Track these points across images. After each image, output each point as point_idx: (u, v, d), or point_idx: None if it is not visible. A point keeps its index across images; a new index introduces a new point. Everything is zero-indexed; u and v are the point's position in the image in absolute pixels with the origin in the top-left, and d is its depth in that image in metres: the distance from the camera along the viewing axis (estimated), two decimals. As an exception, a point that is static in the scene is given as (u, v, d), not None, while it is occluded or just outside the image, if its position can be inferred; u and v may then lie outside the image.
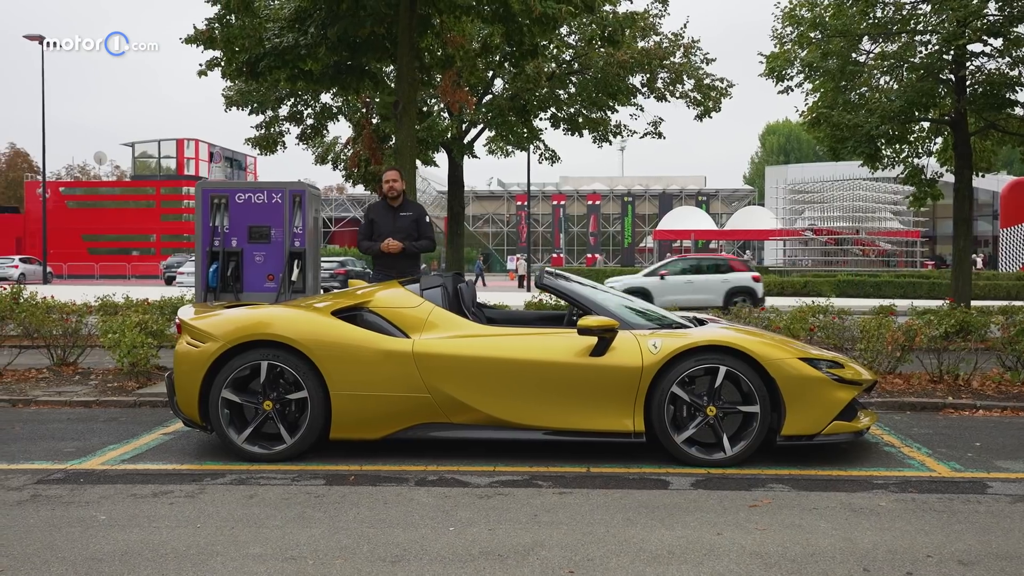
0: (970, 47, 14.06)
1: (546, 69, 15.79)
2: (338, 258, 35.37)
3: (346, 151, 17.59)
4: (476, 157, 18.01)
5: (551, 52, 15.98)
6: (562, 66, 16.43)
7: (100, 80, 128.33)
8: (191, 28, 10.35)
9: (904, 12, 14.44)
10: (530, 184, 40.68)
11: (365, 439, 5.70)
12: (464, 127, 16.96)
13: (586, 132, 17.16)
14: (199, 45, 10.25)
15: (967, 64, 14.47)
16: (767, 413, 5.48)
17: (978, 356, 8.62)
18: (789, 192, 44.69)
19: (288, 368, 5.57)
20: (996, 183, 47.24)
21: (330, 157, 18.20)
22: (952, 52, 13.82)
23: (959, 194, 15.32)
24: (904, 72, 14.61)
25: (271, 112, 16.41)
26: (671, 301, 18.68)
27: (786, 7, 15.25)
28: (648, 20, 15.96)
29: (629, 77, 15.77)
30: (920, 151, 16.36)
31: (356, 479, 5.23)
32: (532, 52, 10.58)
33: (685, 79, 16.28)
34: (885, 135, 14.59)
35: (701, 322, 6.54)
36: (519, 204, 62.32)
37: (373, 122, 15.83)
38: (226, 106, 15.98)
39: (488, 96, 17.00)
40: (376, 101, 15.37)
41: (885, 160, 15.96)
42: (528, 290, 32.19)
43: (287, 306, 6.03)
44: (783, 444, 5.57)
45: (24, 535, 4.19)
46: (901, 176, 16.74)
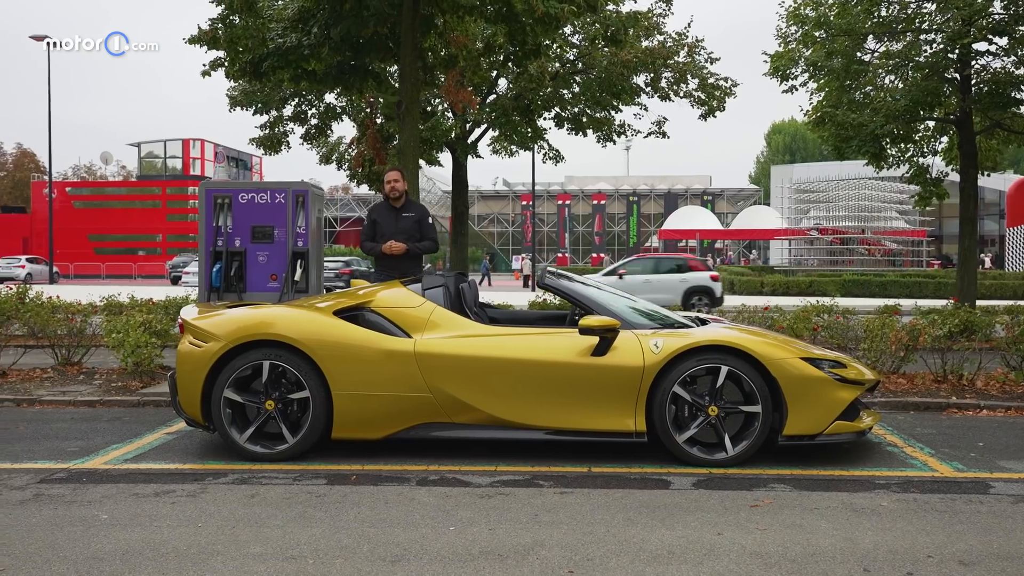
0: (975, 46, 14.01)
1: (550, 69, 15.79)
2: (343, 258, 35.43)
3: (350, 151, 17.60)
4: (480, 157, 18.01)
5: (555, 52, 15.97)
6: (566, 65, 16.40)
7: (105, 80, 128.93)
8: (190, 27, 10.42)
9: (909, 11, 14.39)
10: (535, 184, 40.74)
11: (367, 439, 5.71)
12: (468, 127, 16.95)
13: (590, 132, 17.14)
14: (203, 45, 10.28)
15: (972, 63, 14.41)
16: (769, 413, 5.48)
17: (982, 356, 8.59)
18: (795, 191, 44.56)
19: (290, 368, 5.58)
20: (1003, 182, 47.06)
21: (334, 157, 18.22)
22: (957, 51, 13.77)
23: (964, 193, 15.26)
24: (909, 71, 14.57)
25: (275, 112, 16.42)
26: None
27: (790, 6, 15.20)
28: (652, 19, 15.93)
29: (633, 77, 15.75)
30: (925, 150, 16.30)
31: (358, 479, 5.23)
32: (535, 52, 10.58)
33: (689, 78, 16.25)
34: (890, 134, 14.54)
35: (703, 322, 6.54)
36: (524, 204, 62.30)
37: (377, 122, 15.83)
38: (230, 106, 16.02)
39: (492, 96, 16.99)
40: (380, 101, 15.38)
41: (890, 159, 15.90)
42: (532, 290, 32.18)
43: (289, 306, 6.04)
44: (785, 444, 5.56)
45: (26, 534, 4.20)
46: (906, 175, 16.68)
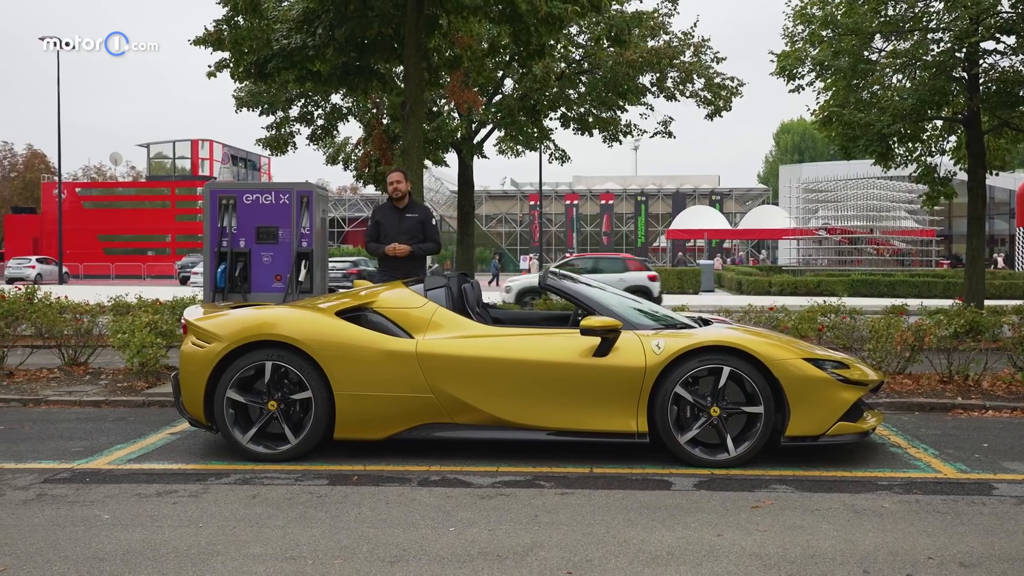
0: (983, 44, 13.94)
1: (556, 69, 15.78)
2: (351, 258, 35.48)
3: (357, 151, 17.62)
4: (486, 157, 18.00)
5: (560, 52, 15.95)
6: (572, 65, 16.39)
7: (113, 81, 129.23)
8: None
9: (916, 9, 14.33)
10: (542, 184, 40.72)
11: (369, 439, 5.71)
12: (474, 127, 16.95)
13: (596, 132, 17.13)
14: (208, 47, 10.31)
15: (980, 62, 14.34)
16: (771, 414, 5.46)
17: (988, 356, 8.54)
18: (803, 191, 44.39)
19: (292, 368, 5.60)
20: (1013, 181, 46.79)
21: (341, 157, 18.25)
22: (965, 50, 13.70)
23: (972, 193, 15.19)
24: (916, 70, 14.50)
25: (281, 113, 16.46)
26: None
27: (797, 5, 15.16)
28: (657, 19, 15.90)
29: (639, 77, 15.73)
30: (933, 150, 16.23)
31: (359, 479, 5.24)
32: (539, 52, 10.57)
33: (695, 78, 16.21)
34: (897, 134, 14.48)
35: (706, 322, 6.53)
36: (532, 204, 62.23)
37: (383, 122, 15.85)
38: (236, 107, 16.06)
39: (498, 96, 16.99)
40: (386, 101, 15.40)
41: (898, 159, 15.84)
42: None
43: (291, 307, 6.05)
44: (787, 445, 5.54)
45: (28, 534, 4.22)
46: (914, 175, 16.61)
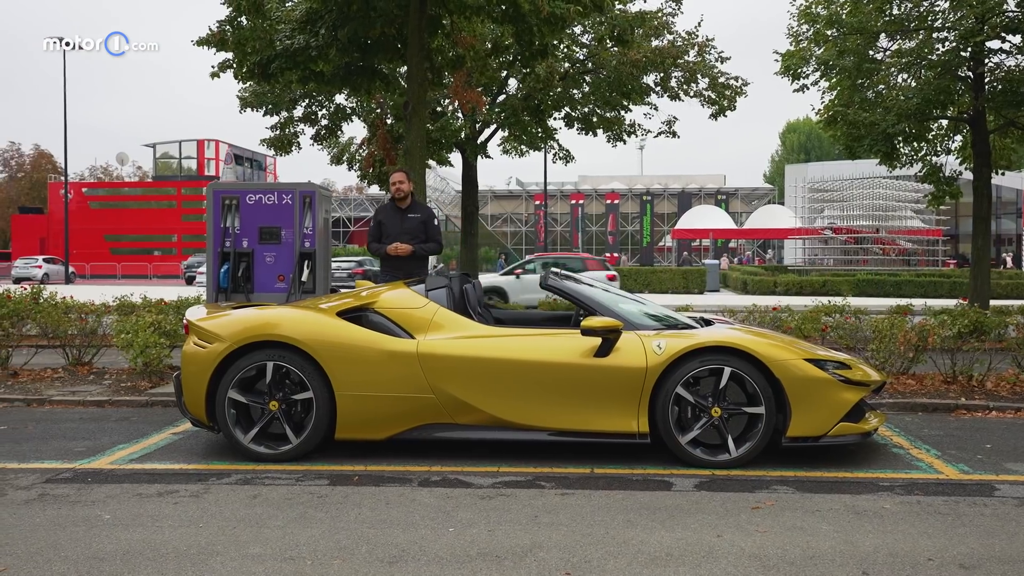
0: (989, 44, 13.90)
1: (560, 69, 15.76)
2: (356, 258, 35.50)
3: (361, 151, 17.62)
4: (489, 157, 17.98)
5: (564, 51, 15.94)
6: (575, 65, 16.37)
7: (117, 82, 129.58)
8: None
9: (922, 8, 14.29)
10: (547, 184, 40.72)
11: (370, 439, 5.72)
12: (478, 127, 16.94)
13: (600, 131, 17.11)
14: (211, 47, 10.33)
15: (986, 61, 14.30)
16: (772, 414, 5.45)
17: (992, 357, 8.51)
18: (809, 191, 44.31)
19: (293, 369, 5.60)
20: (1020, 181, 46.67)
21: (345, 158, 18.26)
22: (970, 49, 13.67)
23: (978, 192, 15.16)
24: (921, 69, 14.46)
25: (286, 113, 16.47)
26: (527, 300, 19.04)
27: (802, 4, 15.11)
28: (661, 19, 15.87)
29: (643, 76, 15.70)
30: (938, 149, 16.19)
31: (360, 479, 5.25)
32: (542, 52, 10.57)
33: (699, 78, 16.18)
34: (902, 133, 14.45)
35: (708, 323, 6.52)
36: (537, 204, 62.20)
37: (388, 122, 15.85)
38: (241, 107, 16.07)
39: (502, 96, 16.97)
40: (389, 101, 15.41)
41: (903, 158, 15.81)
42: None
43: (293, 307, 6.06)
44: (789, 446, 5.53)
45: (29, 534, 4.24)
46: (919, 174, 16.57)
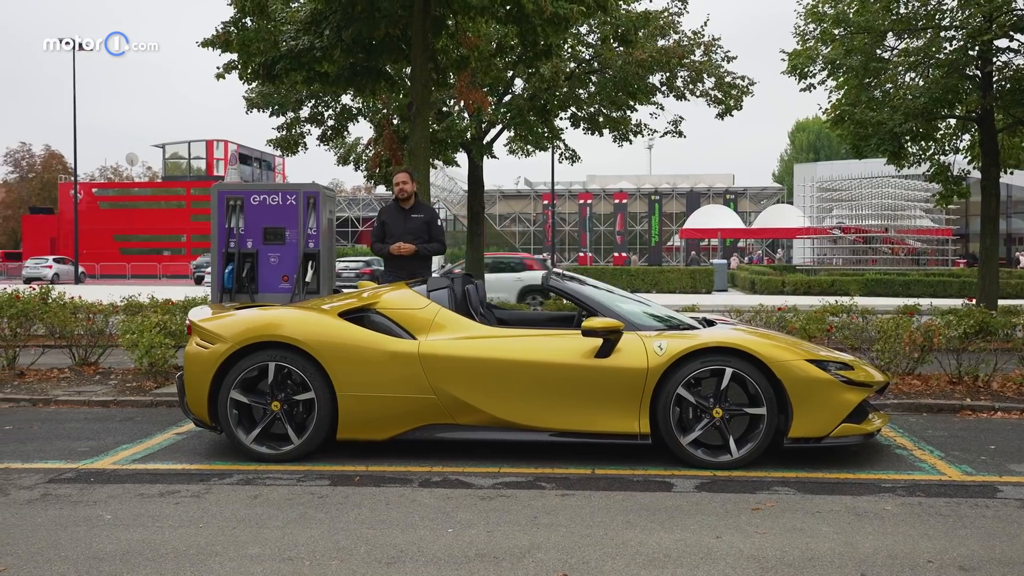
0: (997, 42, 13.83)
1: (565, 69, 15.73)
2: (363, 258, 35.54)
3: (367, 152, 17.63)
4: (495, 157, 17.97)
5: (569, 51, 15.91)
6: (581, 65, 16.34)
7: (121, 82, 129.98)
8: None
9: (929, 7, 14.22)
10: (554, 183, 40.67)
11: (372, 440, 5.73)
12: (484, 127, 16.93)
13: (606, 131, 17.06)
14: (216, 48, 10.36)
15: (994, 60, 14.23)
16: (774, 415, 5.44)
17: (999, 357, 8.47)
18: (818, 190, 44.14)
19: (295, 369, 5.62)
20: (1031, 180, 46.37)
21: (352, 158, 18.27)
22: (978, 48, 13.60)
23: (986, 192, 15.07)
24: (929, 68, 14.40)
25: (292, 113, 16.48)
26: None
27: (809, 3, 15.07)
28: (667, 18, 15.83)
29: (648, 76, 15.66)
30: (947, 148, 16.11)
31: (361, 480, 5.26)
32: (546, 53, 10.56)
33: (705, 78, 16.12)
34: (910, 132, 14.38)
35: (711, 323, 6.50)
36: (545, 203, 62.13)
37: (394, 122, 15.86)
38: (247, 108, 16.10)
39: (508, 96, 16.95)
40: (395, 102, 15.42)
41: (910, 158, 15.74)
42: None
43: (295, 308, 6.08)
44: (790, 447, 5.51)
45: (30, 534, 4.26)
46: (927, 173, 16.51)
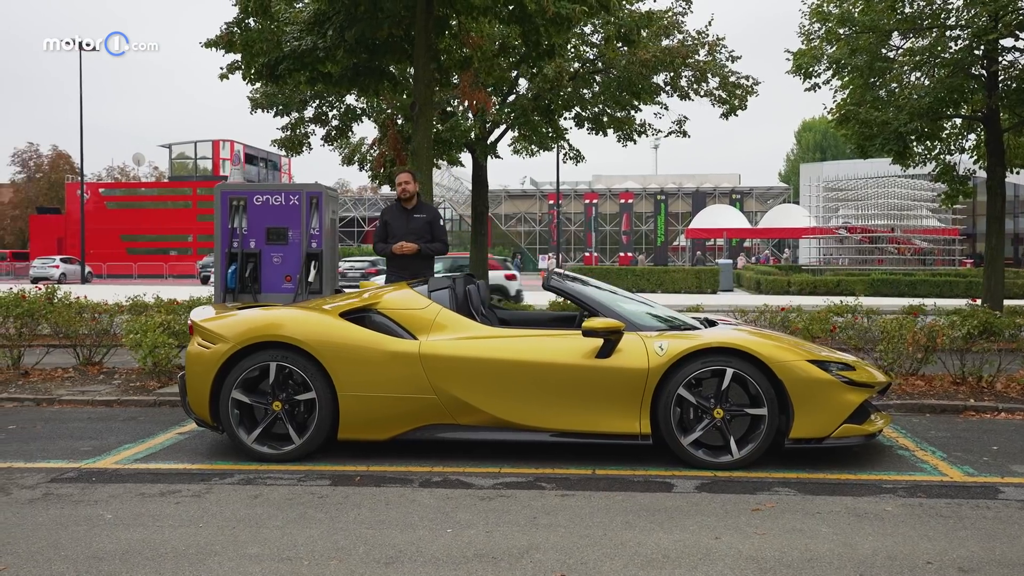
0: (1002, 42, 13.79)
1: (569, 69, 15.72)
2: (369, 258, 35.54)
3: (372, 152, 17.63)
4: (499, 157, 17.93)
5: (573, 51, 15.89)
6: (585, 65, 16.33)
7: (125, 83, 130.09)
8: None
9: (934, 7, 14.18)
10: (559, 183, 40.69)
11: (373, 440, 5.74)
12: (488, 127, 16.92)
13: (610, 131, 17.04)
14: (219, 49, 10.38)
15: (999, 59, 14.19)
16: (775, 416, 5.43)
17: (1003, 358, 8.43)
18: (824, 189, 44.03)
19: (296, 369, 5.63)
20: (1038, 179, 46.21)
21: (356, 158, 18.27)
22: (983, 47, 13.57)
23: (992, 192, 15.04)
24: (934, 68, 14.36)
25: (296, 114, 16.49)
26: None
27: (813, 3, 15.04)
28: (671, 18, 15.80)
29: (653, 76, 15.63)
30: (952, 148, 16.08)
31: (362, 480, 5.26)
32: (549, 53, 10.55)
33: (709, 77, 16.09)
34: (914, 132, 14.36)
35: (712, 323, 6.49)
36: (551, 203, 62.12)
37: (398, 123, 15.86)
38: (251, 108, 16.11)
39: (512, 96, 16.94)
40: (397, 103, 15.42)
41: (916, 157, 15.72)
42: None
43: (296, 308, 6.09)
44: (791, 447, 5.50)
45: (31, 533, 4.28)
46: (933, 173, 16.47)
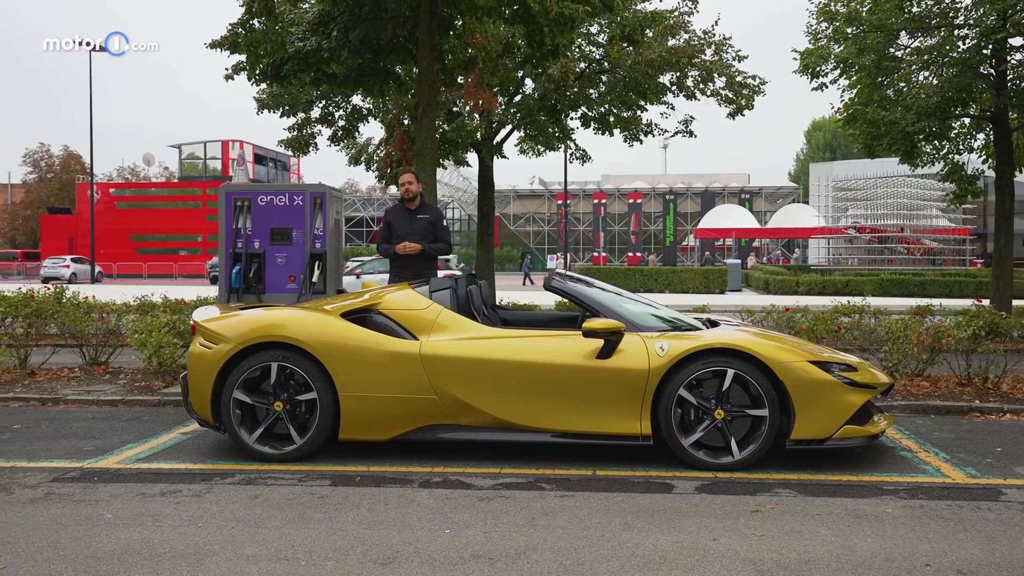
0: (1011, 41, 13.71)
1: (575, 68, 15.70)
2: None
3: (378, 152, 17.66)
4: (505, 158, 17.93)
5: (579, 51, 15.87)
6: (591, 65, 16.30)
7: (130, 83, 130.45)
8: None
9: (943, 6, 14.12)
10: (567, 183, 40.66)
11: (374, 440, 5.74)
12: (494, 127, 16.91)
13: (617, 131, 17.00)
14: (224, 50, 10.42)
15: (1008, 58, 14.12)
16: (776, 417, 5.41)
17: (1009, 358, 8.39)
18: (834, 189, 43.86)
19: (298, 369, 5.64)
20: (1049, 179, 45.88)
21: (363, 158, 18.30)
22: (991, 46, 13.49)
23: (1000, 191, 14.96)
24: (942, 67, 14.29)
25: (302, 114, 16.54)
26: None
27: (820, 2, 14.99)
28: (677, 17, 15.76)
29: (659, 76, 15.60)
30: (961, 147, 16.00)
31: (362, 480, 5.27)
32: (553, 53, 10.54)
33: (716, 77, 16.04)
34: (922, 131, 14.29)
35: (714, 324, 6.48)
36: (560, 203, 62.05)
37: (404, 123, 15.86)
38: (258, 109, 16.16)
39: (518, 96, 16.93)
40: (402, 103, 15.43)
41: (924, 157, 15.65)
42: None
43: (298, 308, 6.10)
44: (792, 448, 5.48)
45: (31, 533, 4.30)
46: (941, 173, 16.40)
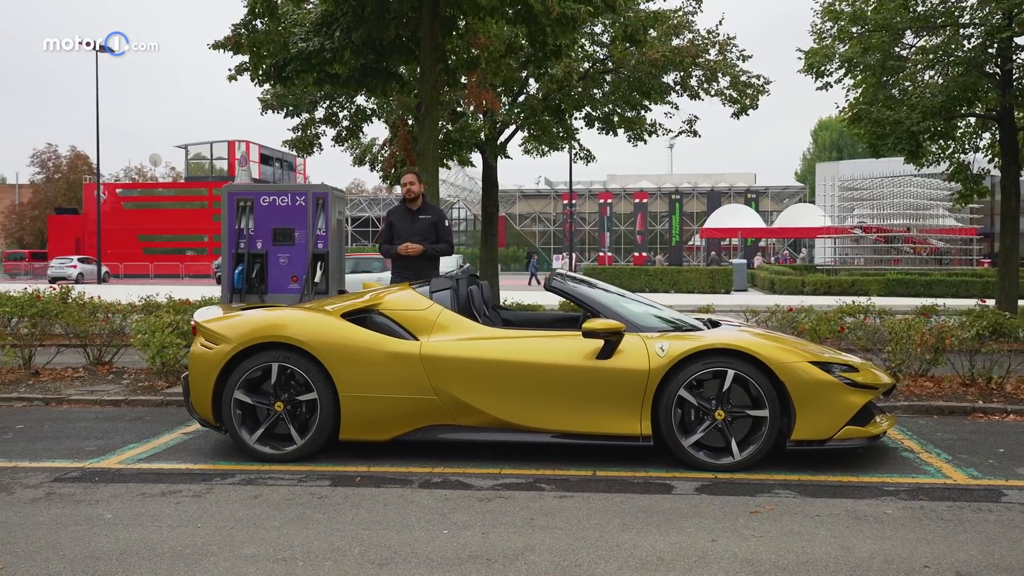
0: (1016, 40, 13.67)
1: (579, 68, 15.69)
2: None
3: (383, 152, 17.67)
4: (509, 158, 17.92)
5: (582, 51, 15.86)
6: (595, 64, 16.29)
7: (134, 84, 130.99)
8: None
9: (948, 4, 14.08)
10: (572, 183, 40.64)
11: (374, 440, 5.75)
12: (498, 127, 16.91)
13: (621, 131, 16.98)
14: (227, 51, 10.44)
15: (1013, 57, 14.07)
16: (776, 417, 5.40)
17: (1013, 359, 8.35)
18: (840, 189, 43.73)
19: (298, 370, 5.65)
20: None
21: (367, 158, 18.32)
22: (997, 45, 13.45)
23: (1006, 191, 14.92)
24: (947, 66, 14.25)
25: (306, 114, 16.55)
26: None
27: (825, 1, 14.95)
28: (681, 17, 15.73)
29: (663, 76, 15.57)
30: (966, 147, 15.94)
31: (362, 480, 5.28)
32: (556, 53, 10.53)
33: (720, 77, 16.01)
34: (927, 131, 14.25)
35: (716, 324, 6.47)
36: (565, 203, 62.03)
37: (408, 123, 15.87)
38: (262, 109, 16.19)
39: (523, 96, 16.92)
40: (405, 103, 15.45)
41: (929, 156, 15.60)
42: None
43: (298, 309, 6.11)
44: (793, 449, 5.47)
45: (31, 532, 4.31)
46: (947, 172, 16.34)
